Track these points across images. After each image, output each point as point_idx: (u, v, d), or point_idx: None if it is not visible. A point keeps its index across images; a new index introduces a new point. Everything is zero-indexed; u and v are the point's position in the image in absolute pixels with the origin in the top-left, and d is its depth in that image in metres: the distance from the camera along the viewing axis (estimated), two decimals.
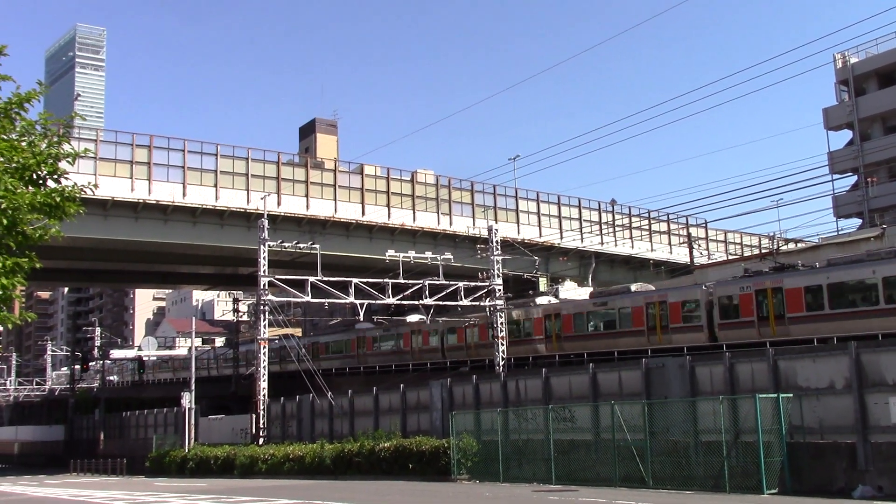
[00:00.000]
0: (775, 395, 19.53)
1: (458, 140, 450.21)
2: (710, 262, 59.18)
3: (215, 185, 48.42)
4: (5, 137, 11.68)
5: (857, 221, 55.30)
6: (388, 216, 53.65)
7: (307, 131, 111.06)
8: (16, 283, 11.74)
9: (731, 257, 65.32)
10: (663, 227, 66.37)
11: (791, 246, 59.23)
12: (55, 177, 12.27)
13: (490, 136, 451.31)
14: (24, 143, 12.03)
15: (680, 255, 64.93)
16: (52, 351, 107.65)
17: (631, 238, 63.69)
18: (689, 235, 63.54)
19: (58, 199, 11.89)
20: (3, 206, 11.23)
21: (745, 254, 67.38)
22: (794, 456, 19.22)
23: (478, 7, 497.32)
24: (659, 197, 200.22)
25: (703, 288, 36.18)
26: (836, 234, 49.95)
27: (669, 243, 66.81)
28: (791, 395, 19.73)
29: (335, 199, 52.15)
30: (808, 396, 19.65)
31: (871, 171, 53.41)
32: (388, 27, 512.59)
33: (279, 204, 49.60)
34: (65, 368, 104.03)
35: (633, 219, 64.83)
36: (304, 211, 50.82)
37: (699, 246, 64.71)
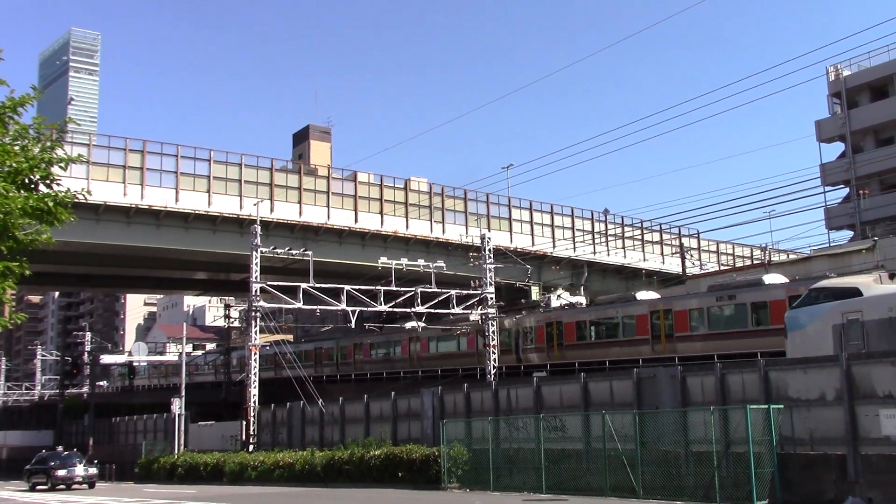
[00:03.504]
0: (766, 406, 19.54)
1: (451, 148, 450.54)
2: (703, 272, 59.31)
3: (208, 191, 48.34)
4: None
5: (848, 234, 55.47)
6: (381, 223, 53.63)
7: (301, 138, 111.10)
8: (6, 288, 11.71)
9: (723, 268, 65.52)
10: (656, 237, 66.52)
11: (783, 257, 59.49)
12: (48, 181, 12.24)
13: (483, 144, 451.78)
14: (16, 148, 11.99)
15: (672, 265, 65.07)
16: (42, 355, 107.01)
17: (623, 248, 63.79)
18: (681, 245, 63.71)
19: (50, 204, 11.86)
20: None
21: (738, 264, 67.57)
22: (785, 467, 19.23)
23: (472, 17, 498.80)
24: (651, 207, 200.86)
25: (514, 319, 46.28)
26: (827, 245, 50.13)
27: (662, 253, 66.94)
28: (782, 406, 19.73)
29: (328, 206, 52.13)
30: (798, 408, 19.66)
31: (862, 184, 53.63)
32: (382, 35, 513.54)
33: (272, 210, 49.53)
34: (54, 374, 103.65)
35: (626, 228, 64.97)
36: (296, 217, 50.77)
37: (691, 256, 64.84)
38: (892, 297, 21.81)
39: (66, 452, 42.87)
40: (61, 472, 38.05)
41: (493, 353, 43.03)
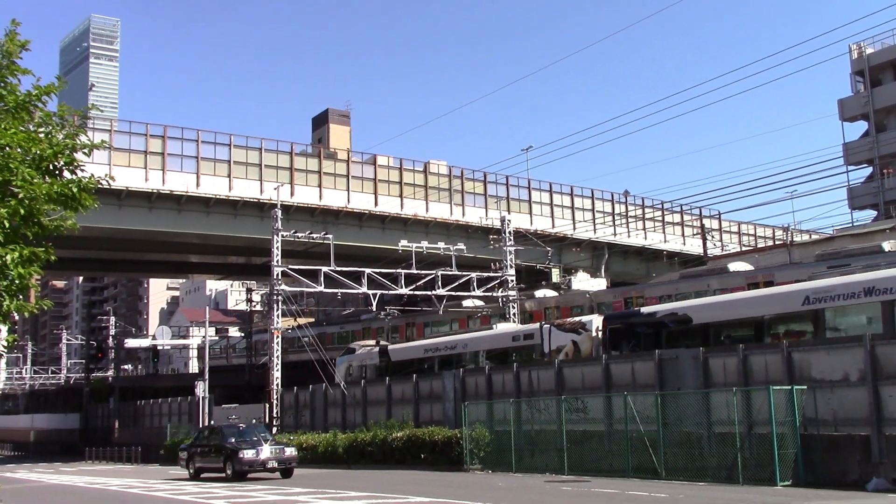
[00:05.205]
0: (789, 387, 19.47)
1: (471, 131, 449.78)
2: (724, 253, 58.97)
3: (229, 176, 48.55)
4: (23, 129, 11.75)
5: (871, 213, 54.98)
6: (401, 207, 53.67)
7: (320, 122, 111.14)
8: (32, 273, 11.81)
9: (744, 248, 65.10)
10: (676, 218, 66.19)
11: (805, 237, 59.03)
12: (72, 168, 12.33)
13: (503, 126, 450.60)
14: (41, 134, 12.09)
15: (693, 246, 64.73)
16: (67, 340, 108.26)
17: (644, 229, 63.53)
18: (702, 226, 63.30)
19: (74, 190, 11.94)
20: (21, 195, 11.31)
21: (759, 245, 67.12)
22: (808, 448, 19.18)
23: None
24: (672, 188, 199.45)
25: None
26: (850, 225, 49.68)
27: (682, 234, 66.62)
28: (805, 387, 19.66)
29: (348, 190, 52.21)
30: (822, 388, 19.58)
31: (886, 163, 53.06)
32: (400, 18, 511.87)
33: (292, 194, 49.69)
34: (79, 358, 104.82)
35: (647, 210, 64.67)
36: (317, 201, 50.89)
37: (712, 237, 64.46)
38: None
39: (242, 424, 30.49)
40: (248, 454, 26.78)
41: None
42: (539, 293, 47.91)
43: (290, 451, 28.05)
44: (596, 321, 31.64)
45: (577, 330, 31.85)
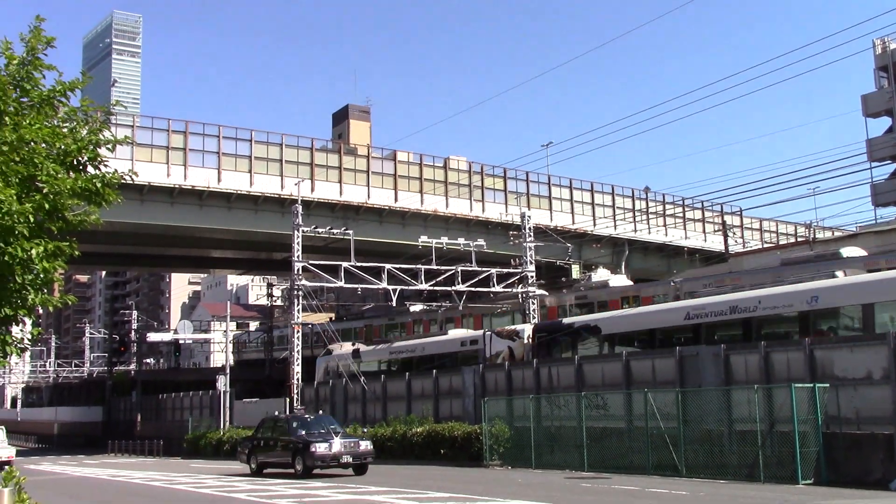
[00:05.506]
0: (811, 385, 19.33)
1: (491, 127, 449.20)
2: (746, 249, 58.58)
3: (250, 171, 48.79)
4: (48, 124, 11.85)
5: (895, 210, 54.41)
6: (421, 202, 53.71)
7: (340, 117, 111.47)
8: (56, 267, 11.92)
9: (766, 245, 64.66)
10: (697, 214, 65.82)
11: (827, 234, 58.54)
12: (95, 163, 12.43)
13: (523, 122, 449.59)
14: (65, 130, 12.20)
15: (714, 242, 64.36)
16: (90, 333, 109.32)
17: (665, 225, 63.22)
18: (723, 223, 62.94)
19: (98, 185, 12.04)
20: (46, 190, 11.42)
21: (781, 242, 66.64)
22: (831, 446, 19.04)
23: None
24: (693, 184, 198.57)
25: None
26: (874, 222, 49.21)
27: (704, 231, 66.24)
28: (827, 385, 19.51)
29: (368, 185, 52.31)
30: (844, 386, 19.42)
31: None
32: (421, 14, 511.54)
33: (313, 190, 49.84)
34: (102, 351, 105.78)
35: (667, 206, 64.34)
36: (337, 197, 51.05)
37: (734, 234, 64.07)
38: None
39: (308, 415, 28.50)
40: (321, 448, 24.16)
41: None
42: (612, 280, 47.22)
43: (366, 445, 25.01)
44: (527, 330, 35.57)
45: (513, 337, 35.89)
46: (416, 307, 54.63)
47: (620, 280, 48.91)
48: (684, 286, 37.56)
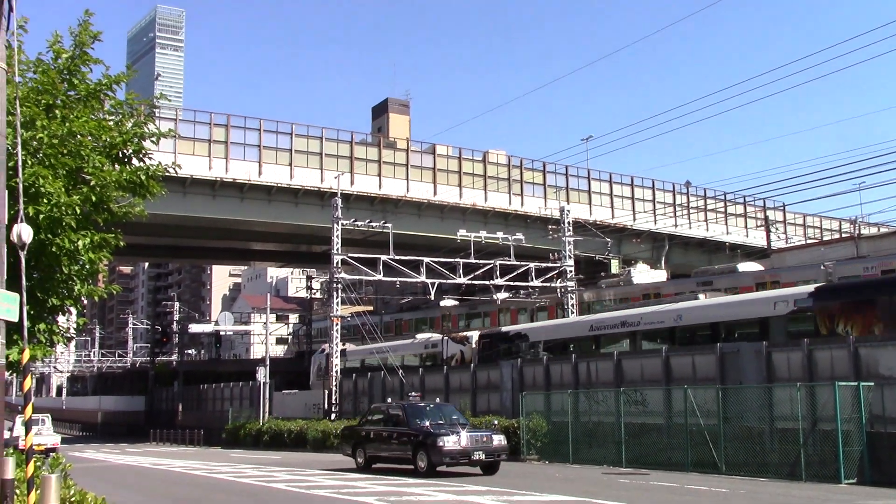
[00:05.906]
0: (855, 384, 19.03)
1: (530, 121, 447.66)
2: (789, 245, 57.74)
3: (290, 164, 49.16)
4: (94, 117, 12.05)
5: None
6: (460, 196, 53.70)
7: (379, 111, 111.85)
8: (102, 258, 12.13)
9: (809, 241, 63.67)
10: (739, 209, 65.03)
11: (873, 230, 57.48)
12: (140, 155, 12.63)
13: (563, 117, 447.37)
14: (111, 123, 12.39)
15: (756, 238, 63.54)
16: (133, 324, 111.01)
17: (706, 220, 62.56)
18: (766, 218, 62.11)
19: (143, 178, 12.24)
20: (92, 182, 11.62)
21: (825, 238, 65.56)
22: (874, 446, 18.73)
23: None
24: (735, 179, 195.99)
25: None
26: None
27: (745, 226, 65.44)
28: (872, 383, 19.19)
29: (407, 179, 52.43)
30: (890, 385, 19.09)
31: None
32: (459, 7, 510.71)
33: (352, 183, 50.10)
34: (145, 342, 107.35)
35: (709, 201, 63.63)
36: (376, 190, 51.23)
37: (776, 229, 63.16)
38: None
39: (425, 403, 24.44)
40: (449, 442, 20.57)
41: None
42: (742, 267, 42.11)
43: (499, 440, 21.42)
44: (475, 336, 40.28)
45: (463, 342, 40.58)
46: (449, 302, 55.11)
47: (658, 275, 48.72)
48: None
